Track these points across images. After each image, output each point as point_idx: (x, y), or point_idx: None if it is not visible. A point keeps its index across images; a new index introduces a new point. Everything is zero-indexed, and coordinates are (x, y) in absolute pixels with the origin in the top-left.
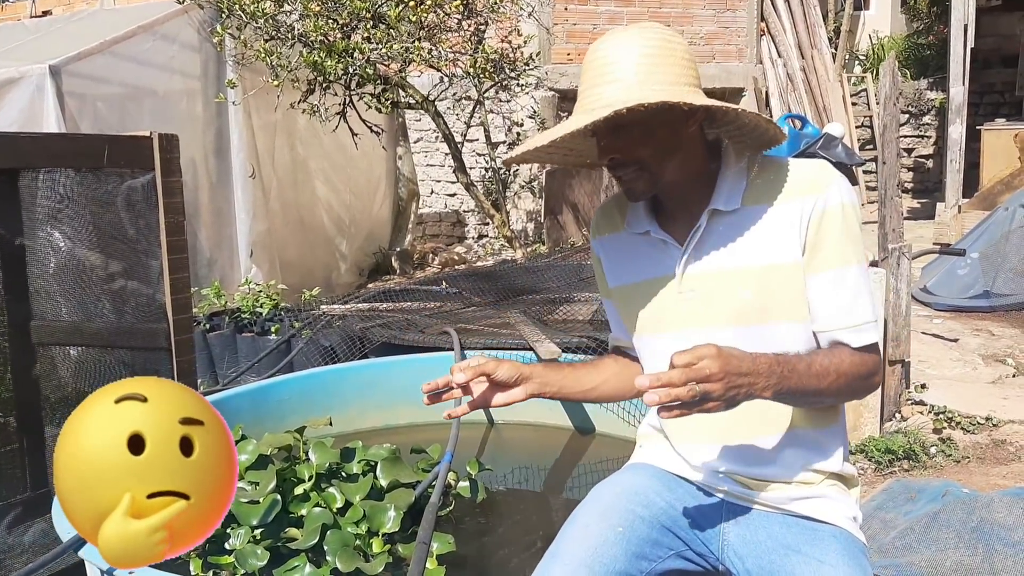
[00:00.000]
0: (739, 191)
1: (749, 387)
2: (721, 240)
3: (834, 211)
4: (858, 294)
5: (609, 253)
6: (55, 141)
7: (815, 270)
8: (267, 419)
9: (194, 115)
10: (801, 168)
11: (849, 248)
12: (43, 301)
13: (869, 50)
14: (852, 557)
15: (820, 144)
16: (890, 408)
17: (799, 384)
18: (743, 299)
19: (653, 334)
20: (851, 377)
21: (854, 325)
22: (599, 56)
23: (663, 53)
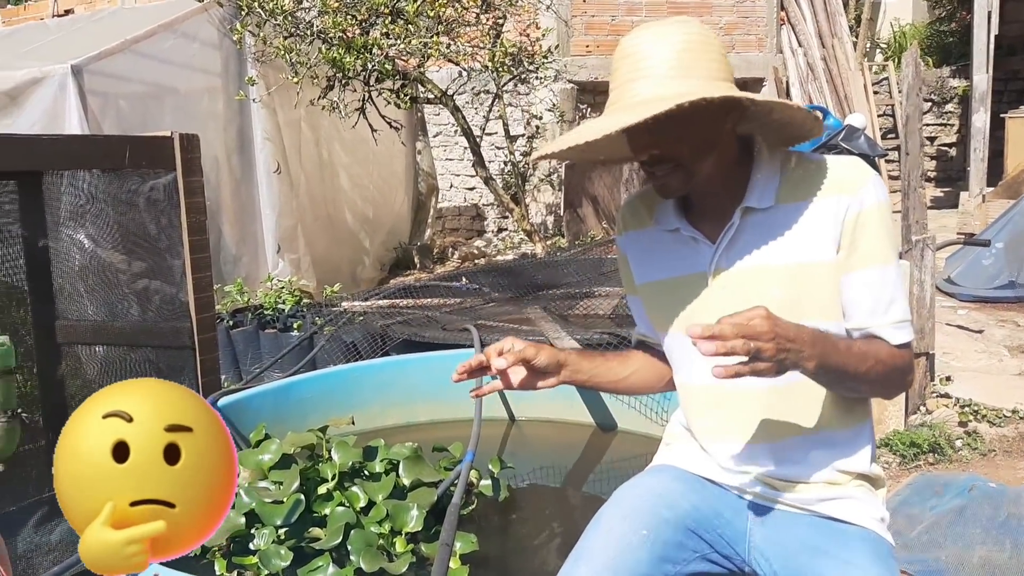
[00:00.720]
0: (773, 188)
1: (797, 354)
2: (754, 238)
3: (871, 209)
4: (896, 292)
5: (636, 250)
6: (77, 143)
7: (852, 268)
8: (289, 417)
9: (215, 113)
10: (836, 165)
11: (887, 246)
12: (68, 301)
13: (891, 38)
14: (880, 559)
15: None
16: (915, 401)
17: (840, 361)
18: (775, 297)
19: (682, 331)
20: (888, 367)
21: (893, 322)
22: (633, 50)
23: (699, 47)
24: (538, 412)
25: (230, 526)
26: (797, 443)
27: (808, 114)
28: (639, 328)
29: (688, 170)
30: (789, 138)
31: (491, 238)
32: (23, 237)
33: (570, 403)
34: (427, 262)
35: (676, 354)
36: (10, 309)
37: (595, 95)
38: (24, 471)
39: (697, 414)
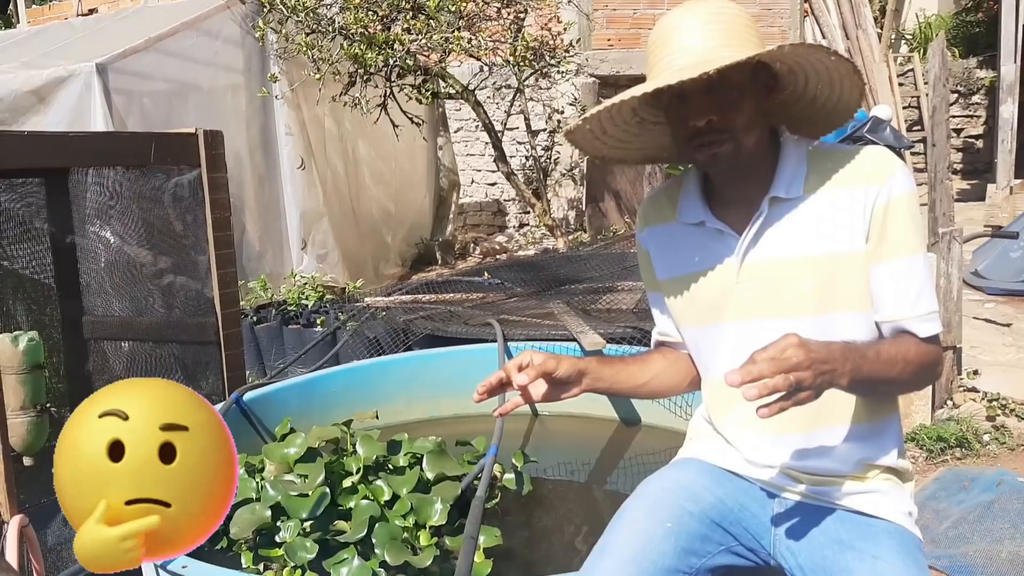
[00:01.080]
0: (800, 178)
1: (831, 374)
2: (781, 228)
3: (900, 200)
4: (924, 284)
5: (659, 245)
6: (103, 140)
7: (881, 259)
8: (314, 412)
9: (238, 110)
10: (864, 155)
11: (915, 237)
12: (94, 297)
13: (916, 29)
14: (908, 553)
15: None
16: (941, 395)
17: (872, 371)
18: (804, 289)
19: (711, 324)
20: (917, 366)
21: (921, 314)
22: (670, 27)
23: (733, 20)
24: (561, 407)
25: (256, 519)
26: (824, 437)
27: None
28: (659, 327)
29: (739, 142)
30: (820, 128)
31: (512, 233)
32: (50, 233)
33: (593, 398)
34: (448, 258)
35: (702, 349)
36: (38, 305)
37: (617, 89)
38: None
39: (722, 409)
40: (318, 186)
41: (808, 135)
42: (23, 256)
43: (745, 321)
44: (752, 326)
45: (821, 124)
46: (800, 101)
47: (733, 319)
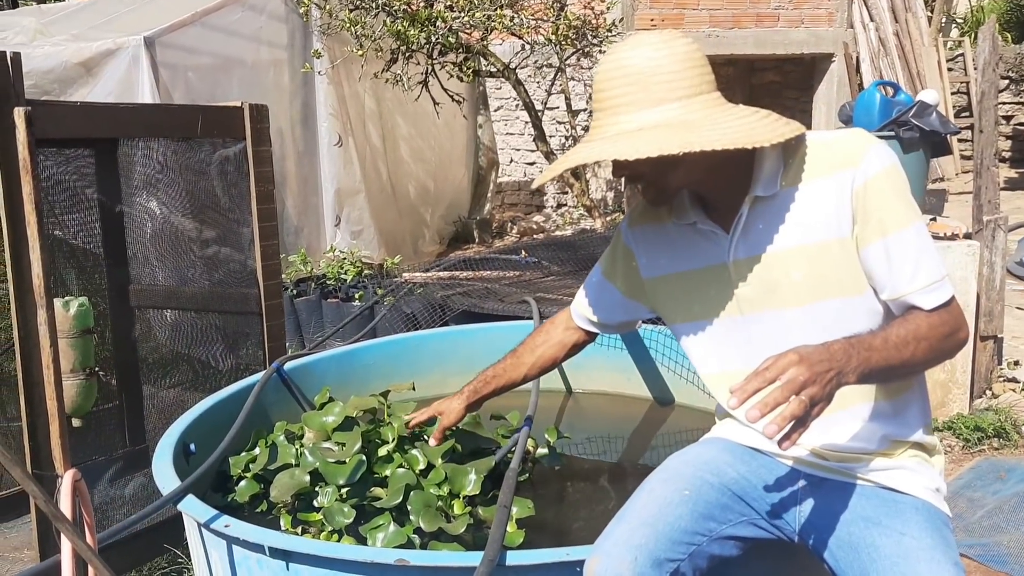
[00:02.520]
0: (777, 175)
1: (837, 377)
2: (765, 225)
3: (877, 177)
4: (920, 254)
5: (648, 244)
6: (151, 111)
7: (870, 239)
8: (352, 382)
9: (281, 85)
10: (836, 141)
11: (901, 210)
12: (140, 266)
13: (967, 13)
14: (935, 529)
15: (913, 112)
16: (980, 385)
17: (882, 361)
18: (795, 280)
19: (707, 319)
20: (933, 339)
21: (923, 287)
22: (604, 76)
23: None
24: (595, 384)
25: (296, 483)
26: (845, 417)
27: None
28: (583, 310)
29: (658, 187)
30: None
31: (550, 213)
32: (99, 203)
33: (627, 376)
34: (486, 236)
35: (701, 345)
36: (87, 272)
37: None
38: (100, 429)
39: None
40: (355, 163)
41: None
42: (73, 224)
43: (743, 316)
44: (750, 320)
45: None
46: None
47: (732, 315)
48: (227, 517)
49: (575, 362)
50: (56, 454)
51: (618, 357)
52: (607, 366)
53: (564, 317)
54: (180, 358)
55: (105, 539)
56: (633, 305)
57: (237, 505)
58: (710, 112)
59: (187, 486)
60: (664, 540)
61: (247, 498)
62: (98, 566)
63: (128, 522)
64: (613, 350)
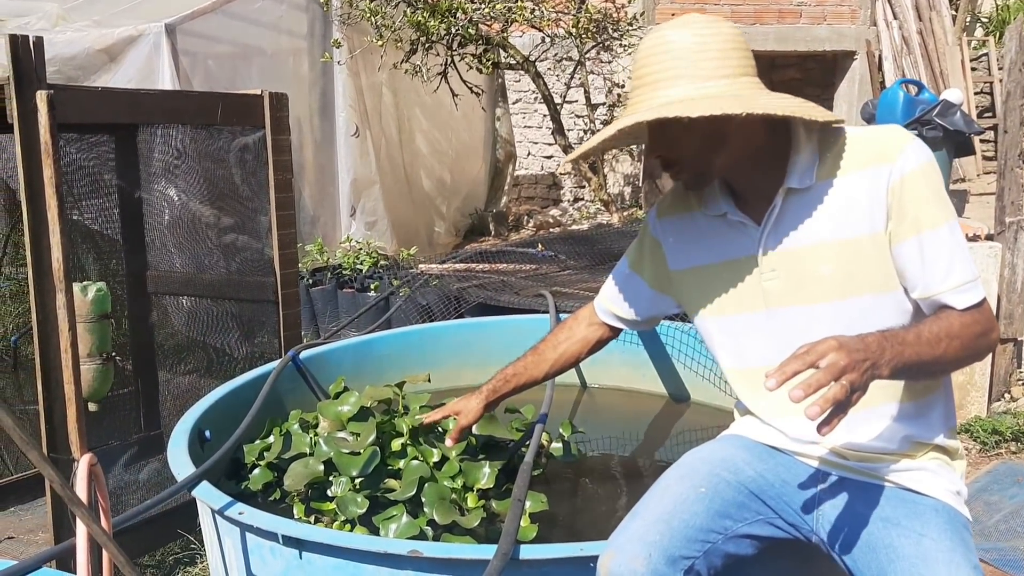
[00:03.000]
0: (813, 167)
1: (872, 368)
2: (798, 218)
3: (914, 174)
4: (954, 253)
5: (677, 235)
6: (171, 97)
7: (904, 236)
8: (367, 373)
9: (300, 74)
10: (873, 136)
11: (936, 208)
12: (158, 252)
13: (993, 12)
14: (955, 532)
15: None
16: (999, 388)
17: (914, 356)
18: (824, 275)
19: (734, 314)
20: (965, 338)
21: (955, 286)
22: (645, 53)
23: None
24: (610, 380)
25: (309, 473)
26: (868, 416)
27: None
28: (610, 304)
29: (696, 169)
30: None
31: (567, 207)
32: (118, 188)
33: (642, 373)
34: (502, 229)
35: (725, 339)
36: (104, 258)
37: None
38: (116, 413)
39: (756, 396)
40: (371, 154)
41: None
42: (92, 209)
43: (770, 310)
44: (778, 315)
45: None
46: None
47: (758, 309)
48: (241, 504)
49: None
50: (72, 438)
51: (634, 353)
52: (623, 361)
53: (587, 313)
54: (196, 345)
55: (120, 524)
56: (660, 298)
57: (251, 493)
58: (758, 91)
59: (201, 473)
60: (679, 537)
61: (261, 486)
62: (112, 550)
63: (143, 507)
64: (629, 346)
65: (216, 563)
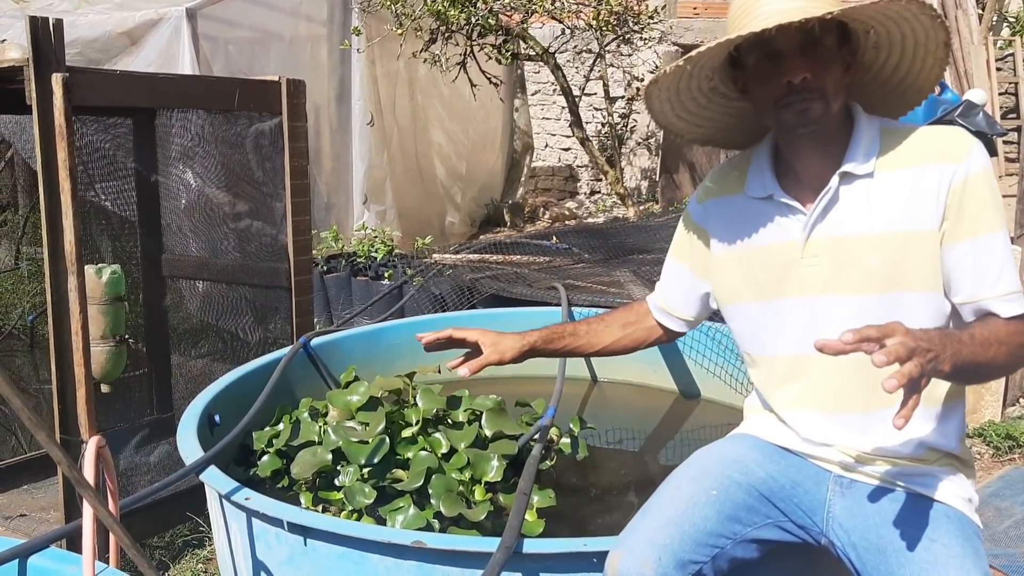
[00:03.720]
0: (872, 155)
1: (935, 361)
2: (851, 204)
3: (978, 177)
4: (1005, 261)
5: (720, 217)
6: (190, 82)
7: (959, 238)
8: (378, 361)
9: (319, 61)
10: (937, 134)
11: (995, 215)
12: (174, 236)
13: (1020, 11)
14: (967, 539)
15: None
16: (1014, 392)
17: (971, 355)
18: (871, 266)
19: (772, 300)
20: (1012, 346)
21: (1004, 294)
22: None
23: None
24: (621, 375)
25: (318, 461)
26: (883, 417)
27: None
28: (664, 299)
29: (828, 104)
30: (897, 107)
31: (583, 200)
32: (136, 172)
33: (654, 368)
34: (518, 220)
35: (760, 325)
36: (121, 241)
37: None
38: (128, 395)
39: (777, 386)
40: (385, 142)
41: (883, 115)
42: (110, 192)
43: (809, 297)
44: (817, 303)
45: (895, 104)
46: (878, 78)
47: (796, 295)
48: (248, 490)
49: None
50: (82, 419)
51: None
52: (634, 356)
53: (647, 308)
54: (209, 329)
55: (127, 506)
56: (705, 287)
57: (259, 479)
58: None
59: (210, 457)
60: (689, 541)
61: (269, 473)
62: (118, 532)
63: (150, 490)
64: None
65: (223, 547)
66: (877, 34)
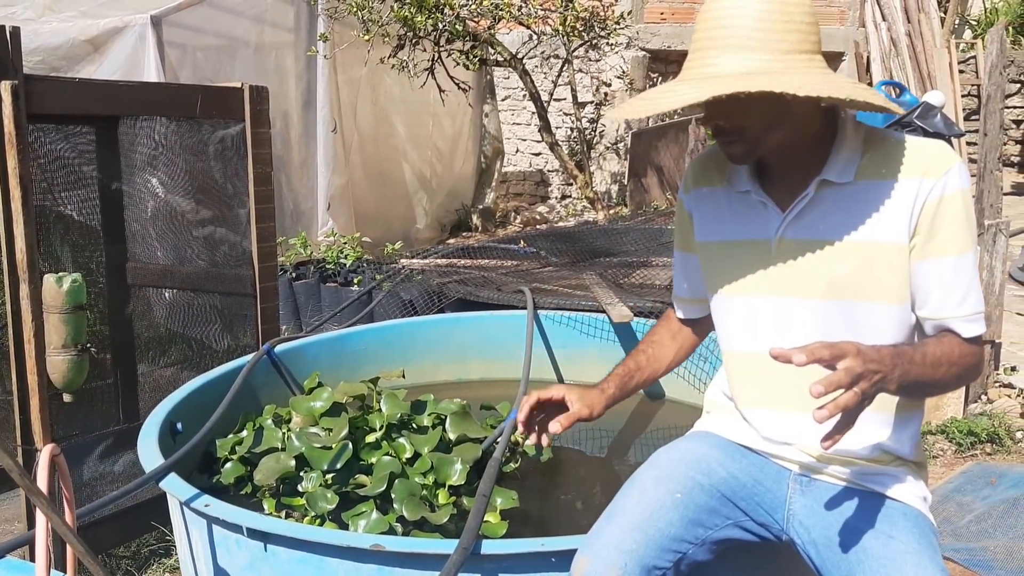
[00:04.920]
0: (853, 164)
1: (882, 381)
2: (826, 211)
3: (954, 197)
4: (972, 283)
5: (703, 207)
6: (152, 90)
7: (930, 254)
8: (343, 367)
9: (285, 68)
10: (922, 147)
11: (967, 235)
12: (138, 244)
13: (981, 15)
14: (922, 535)
15: (918, 113)
16: (976, 390)
17: (918, 375)
18: (840, 273)
19: (741, 295)
20: (961, 367)
21: (967, 315)
22: (712, 15)
23: (776, 16)
24: (587, 376)
25: (280, 468)
26: None
27: (878, 105)
28: (679, 291)
29: (753, 143)
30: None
31: (554, 204)
32: (98, 180)
33: None
34: (489, 225)
35: (728, 319)
36: (84, 249)
37: (667, 64)
38: (93, 405)
39: (743, 382)
40: (349, 148)
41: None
42: (72, 201)
43: (777, 298)
44: (782, 303)
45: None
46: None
47: (765, 293)
48: (207, 497)
49: (567, 354)
50: (36, 428)
51: (610, 349)
52: (599, 358)
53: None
54: (175, 337)
55: (84, 515)
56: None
57: (222, 487)
58: (824, 72)
59: (169, 465)
60: (654, 547)
61: (232, 480)
62: (73, 541)
63: (107, 499)
64: (605, 342)
65: (185, 554)
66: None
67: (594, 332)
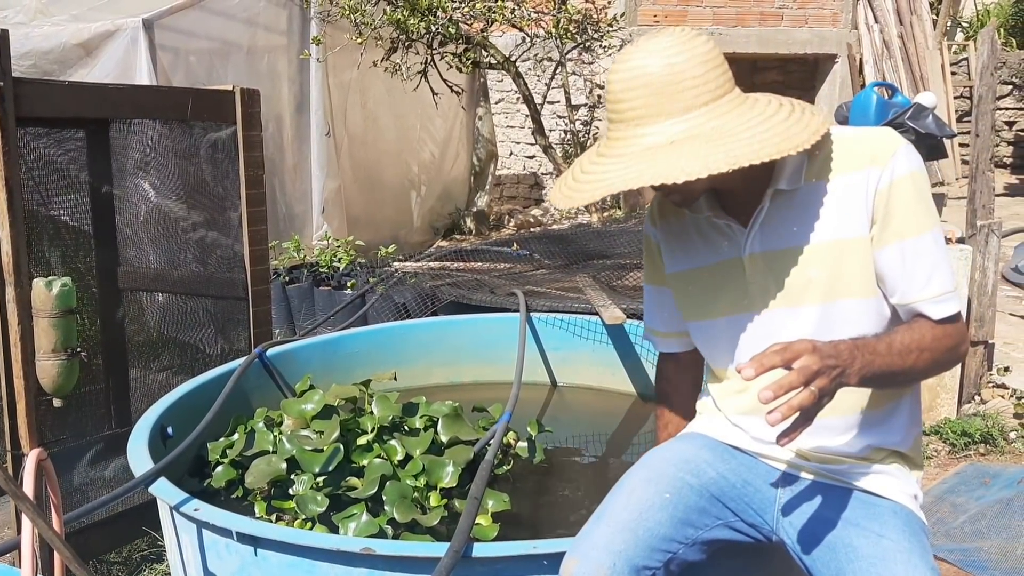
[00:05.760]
0: (801, 168)
1: (840, 376)
2: (785, 219)
3: (903, 179)
4: (936, 263)
5: (669, 238)
6: (142, 92)
7: (888, 241)
8: (336, 370)
9: (278, 71)
10: (864, 138)
11: (923, 216)
12: (129, 247)
13: (973, 17)
14: (913, 534)
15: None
16: (969, 390)
17: (884, 365)
18: (811, 277)
19: (721, 317)
20: (935, 351)
21: (934, 296)
22: (618, 87)
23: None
24: (580, 379)
25: (272, 470)
26: (832, 423)
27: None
28: (652, 324)
29: (685, 192)
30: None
31: (548, 207)
32: (89, 184)
33: (612, 371)
34: (483, 228)
35: (714, 342)
36: (75, 253)
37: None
38: (85, 410)
39: (727, 395)
40: (343, 151)
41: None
42: (63, 205)
43: (758, 312)
44: (764, 317)
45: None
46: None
47: (745, 311)
48: (197, 501)
49: (560, 356)
50: (23, 432)
51: (603, 352)
52: (592, 360)
53: (664, 366)
54: (167, 341)
55: (71, 520)
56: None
57: (213, 490)
58: (739, 114)
59: (158, 469)
60: (643, 547)
61: (224, 483)
62: (59, 546)
63: (95, 504)
64: (599, 345)
65: (175, 559)
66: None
67: (587, 334)
